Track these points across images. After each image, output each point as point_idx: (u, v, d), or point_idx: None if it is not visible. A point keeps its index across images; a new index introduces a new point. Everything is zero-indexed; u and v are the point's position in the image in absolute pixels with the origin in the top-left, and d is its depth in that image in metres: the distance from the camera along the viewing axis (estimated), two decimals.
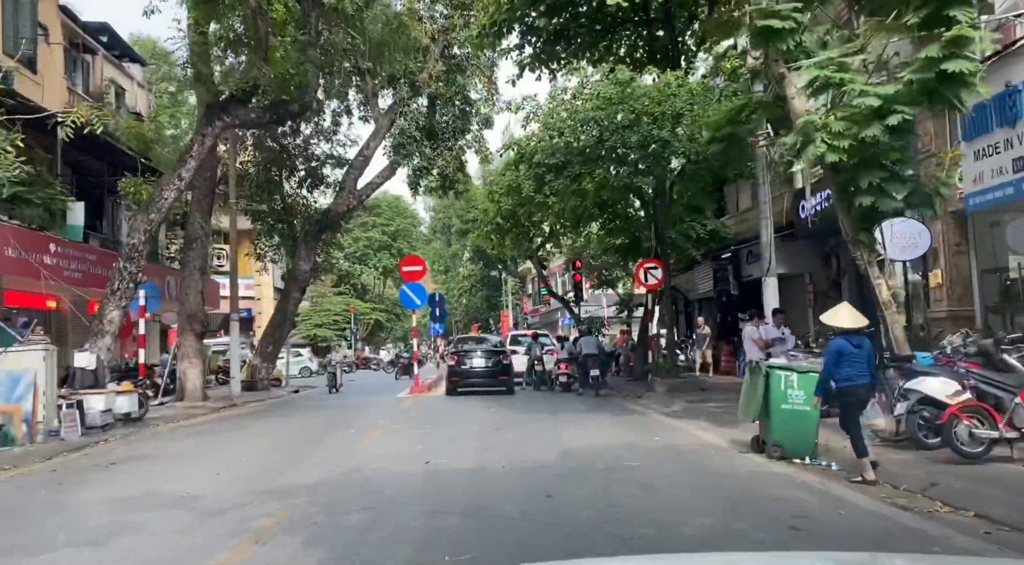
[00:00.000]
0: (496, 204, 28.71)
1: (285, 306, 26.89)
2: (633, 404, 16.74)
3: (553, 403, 17.57)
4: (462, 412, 15.73)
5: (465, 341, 23.13)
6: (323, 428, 13.29)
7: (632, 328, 27.30)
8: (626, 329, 27.98)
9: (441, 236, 68.91)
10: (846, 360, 7.86)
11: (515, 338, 26.90)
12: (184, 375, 20.95)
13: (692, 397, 16.16)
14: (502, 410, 15.72)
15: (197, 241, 21.41)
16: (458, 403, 18.18)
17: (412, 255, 28.00)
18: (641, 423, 13.02)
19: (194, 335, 21.14)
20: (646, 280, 18.52)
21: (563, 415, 14.45)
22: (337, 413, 16.43)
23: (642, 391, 18.38)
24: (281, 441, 11.95)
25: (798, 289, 20.43)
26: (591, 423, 13.04)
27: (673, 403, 15.56)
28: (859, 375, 7.89)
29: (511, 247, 31.12)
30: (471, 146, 28.34)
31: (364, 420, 14.27)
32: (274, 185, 27.85)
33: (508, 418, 14.08)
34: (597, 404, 17.16)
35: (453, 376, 20.29)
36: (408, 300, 21.65)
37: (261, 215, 27.85)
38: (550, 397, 19.50)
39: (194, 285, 21.13)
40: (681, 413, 14.17)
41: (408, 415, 15.15)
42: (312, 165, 28.48)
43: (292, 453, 10.54)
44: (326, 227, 27.05)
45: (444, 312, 30.90)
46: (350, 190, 26.75)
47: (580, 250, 33.60)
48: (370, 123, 27.35)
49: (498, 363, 20.30)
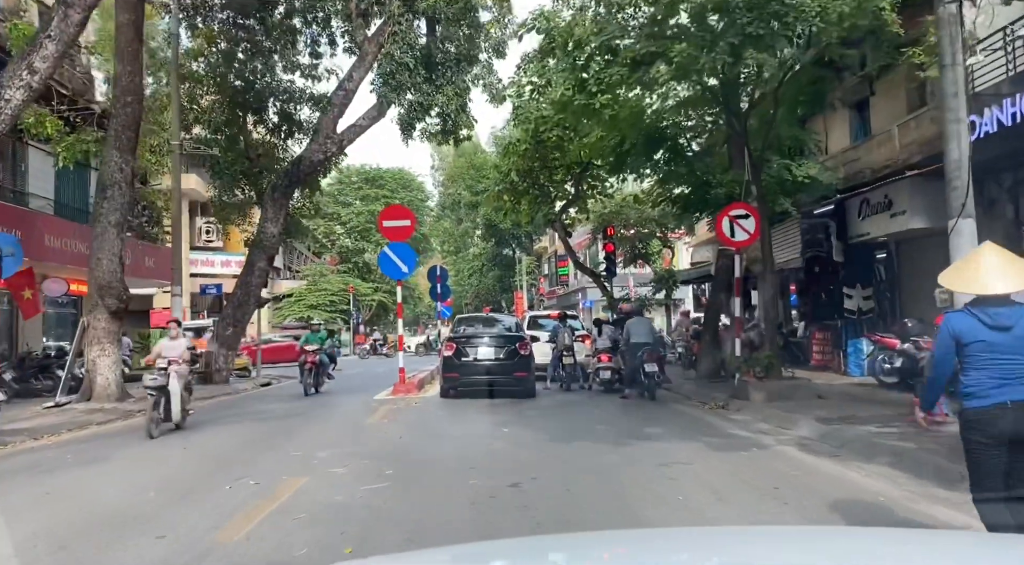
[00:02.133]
0: (512, 156, 23.12)
1: (249, 279, 21.21)
2: (721, 420, 10.99)
3: (596, 414, 11.89)
4: (456, 434, 10.01)
5: (468, 322, 16.54)
6: (209, 472, 7.61)
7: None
8: (686, 311, 22.10)
9: (451, 214, 63.24)
10: (974, 354, 3.98)
11: (535, 321, 20.93)
12: (93, 366, 15.45)
13: (819, 412, 10.37)
14: (520, 430, 10.02)
15: (114, 187, 15.64)
16: (453, 412, 12.51)
17: (395, 205, 22.19)
18: (773, 470, 7.24)
19: (108, 313, 15.55)
20: (732, 235, 12.67)
21: (625, 443, 8.73)
22: (270, 430, 10.76)
23: (725, 397, 12.62)
24: (98, 508, 6.28)
25: (944, 250, 14.50)
26: (685, 468, 7.27)
27: (792, 421, 9.82)
28: (997, 386, 3.89)
29: (528, 211, 25.47)
30: (480, 80, 22.53)
31: (292, 452, 8.56)
32: (237, 128, 22.22)
33: (532, 451, 8.36)
34: (664, 417, 11.46)
35: (450, 371, 14.48)
36: (390, 265, 15.68)
37: (217, 164, 22.22)
38: (587, 402, 13.81)
39: (108, 246, 15.48)
40: (825, 444, 8.45)
41: (369, 440, 9.40)
42: (284, 105, 22.80)
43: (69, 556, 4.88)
44: (298, 179, 21.38)
45: (447, 289, 25.16)
46: (327, 133, 21.01)
47: (612, 215, 27.84)
48: (355, 56, 21.61)
49: (513, 353, 14.51)
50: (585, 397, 14.76)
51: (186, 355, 11.19)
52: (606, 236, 25.23)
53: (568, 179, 25.04)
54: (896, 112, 16.02)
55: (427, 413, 12.48)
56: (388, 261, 15.69)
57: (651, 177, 19.05)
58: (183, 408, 10.94)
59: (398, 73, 20.43)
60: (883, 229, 15.19)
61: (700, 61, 9.41)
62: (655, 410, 12.39)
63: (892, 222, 14.81)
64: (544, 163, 23.50)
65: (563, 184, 25.51)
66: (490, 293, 56.51)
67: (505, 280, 56.37)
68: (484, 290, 57.00)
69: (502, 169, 24.45)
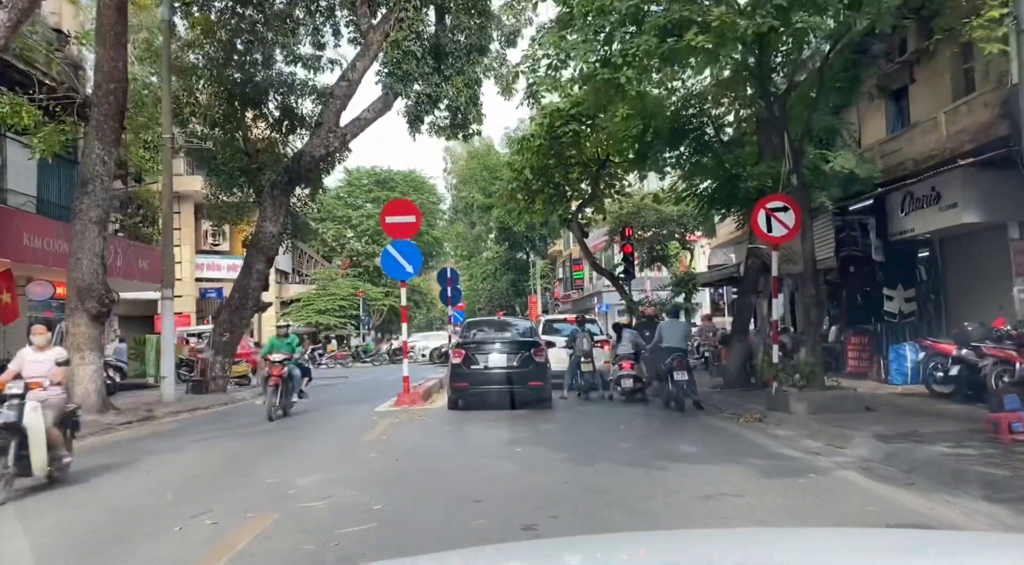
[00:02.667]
0: (526, 153, 21.97)
1: (246, 282, 20.11)
2: (762, 435, 9.72)
3: (621, 430, 10.65)
4: (461, 455, 8.77)
5: (479, 327, 15.22)
6: (163, 506, 6.40)
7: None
8: (708, 314, 20.78)
9: (464, 218, 62.11)
10: None
11: (550, 325, 19.64)
12: (72, 375, 14.33)
13: (873, 427, 9.07)
14: (535, 449, 8.79)
15: (95, 181, 14.52)
16: (461, 427, 11.28)
17: (399, 200, 20.94)
18: (842, 504, 5.96)
19: (88, 317, 14.45)
20: (769, 229, 11.39)
21: (658, 467, 7.48)
22: (249, 449, 9.55)
23: (761, 408, 11.34)
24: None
25: (996, 247, 13.20)
26: (735, 502, 6.00)
27: (846, 438, 8.54)
28: None
29: (542, 211, 24.31)
30: (491, 71, 21.36)
31: (266, 479, 7.33)
32: (235, 122, 21.15)
33: (550, 478, 7.11)
34: (697, 433, 10.20)
35: (458, 380, 13.22)
36: (393, 265, 14.37)
37: (214, 161, 21.16)
38: (609, 414, 12.56)
39: (88, 245, 14.38)
40: (891, 467, 7.17)
41: (361, 463, 8.14)
42: (285, 98, 21.72)
43: None
44: (299, 176, 20.26)
45: (458, 292, 23.97)
46: (329, 126, 19.86)
47: (629, 216, 26.62)
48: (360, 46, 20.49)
49: (527, 360, 13.25)
50: (606, 408, 13.50)
51: (57, 374, 7.50)
52: (624, 237, 23.97)
53: (584, 178, 23.86)
54: (940, 100, 14.74)
55: (431, 428, 11.24)
56: (391, 260, 14.34)
57: (673, 172, 17.86)
58: (55, 454, 7.16)
59: (404, 62, 19.28)
60: (930, 225, 13.87)
61: (740, 26, 8.18)
62: (685, 423, 11.13)
63: (940, 217, 13.50)
64: (559, 160, 22.35)
65: (579, 183, 24.33)
66: (503, 297, 55.34)
67: (519, 284, 55.19)
68: (497, 294, 55.84)
69: (515, 167, 23.28)
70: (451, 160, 65.24)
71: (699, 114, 14.00)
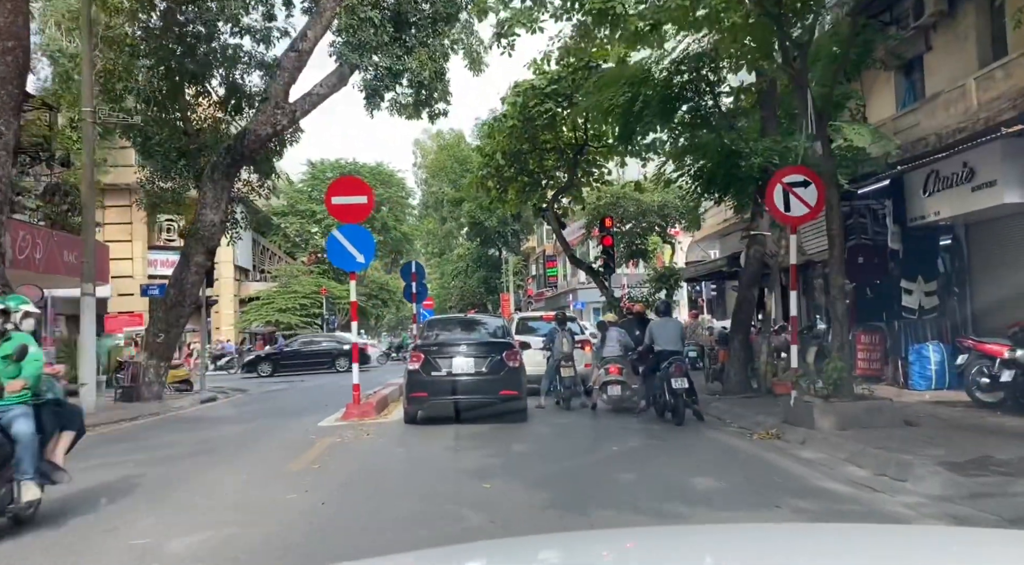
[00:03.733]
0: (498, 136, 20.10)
1: (184, 276, 17.86)
2: (787, 459, 7.82)
3: (613, 452, 8.73)
4: (410, 495, 6.69)
5: (441, 326, 13.09)
6: None
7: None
8: (695, 312, 18.92)
9: (434, 214, 60.00)
10: None
11: (525, 324, 17.59)
12: None
13: (931, 449, 7.22)
14: (509, 485, 6.79)
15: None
16: (415, 451, 9.23)
17: (347, 177, 18.73)
18: None
19: None
20: (786, 208, 9.53)
21: (671, 513, 5.55)
22: (133, 487, 7.42)
23: (775, 422, 9.48)
24: None
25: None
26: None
27: (903, 466, 6.67)
28: None
29: (515, 200, 22.46)
30: (459, 45, 19.38)
31: (133, 539, 5.26)
32: (173, 99, 18.91)
33: (537, 531, 5.13)
34: (706, 455, 8.31)
35: (416, 389, 11.05)
36: (341, 254, 12.11)
37: (148, 142, 18.90)
38: (596, 429, 10.63)
39: None
40: (985, 512, 5.32)
41: (273, 510, 6.07)
42: (231, 72, 19.50)
43: None
44: (242, 157, 18.06)
45: (424, 288, 21.92)
46: (277, 102, 17.69)
47: (607, 207, 24.75)
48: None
49: (498, 365, 11.18)
50: (590, 420, 11.56)
51: None
52: (603, 228, 22.05)
53: (560, 165, 22.00)
54: (965, 66, 13.02)
55: (379, 452, 9.17)
56: (339, 248, 12.02)
57: (661, 153, 16.02)
58: None
59: (361, 30, 17.25)
60: (961, 207, 12.11)
61: None
62: (689, 442, 9.22)
63: (974, 197, 11.74)
64: (534, 144, 20.49)
65: (555, 170, 22.46)
66: (475, 295, 53.31)
67: (491, 281, 53.20)
68: (469, 292, 53.81)
69: (486, 151, 21.34)
70: (421, 154, 63.16)
71: (696, 80, 12.12)
